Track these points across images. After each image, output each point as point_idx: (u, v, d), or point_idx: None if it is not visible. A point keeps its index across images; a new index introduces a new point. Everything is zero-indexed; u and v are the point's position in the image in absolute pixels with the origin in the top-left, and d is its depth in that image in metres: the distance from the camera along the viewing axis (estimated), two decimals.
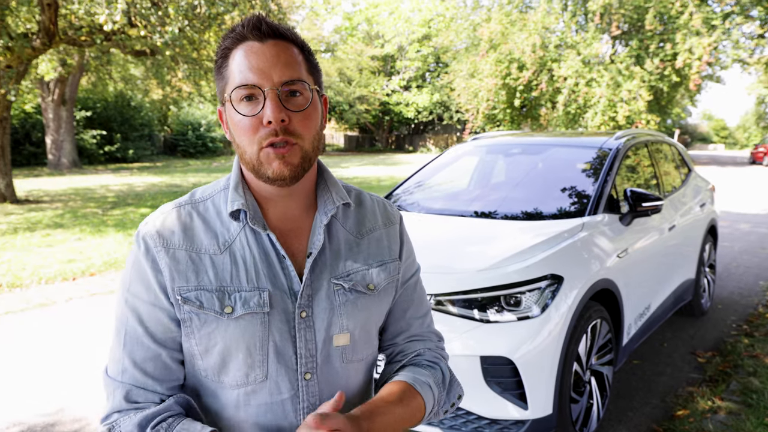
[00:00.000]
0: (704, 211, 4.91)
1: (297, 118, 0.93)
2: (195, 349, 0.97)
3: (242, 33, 0.93)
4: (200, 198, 1.03)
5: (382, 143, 45.14)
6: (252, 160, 0.94)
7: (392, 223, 1.16)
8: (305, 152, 0.95)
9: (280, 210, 1.02)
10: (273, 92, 0.90)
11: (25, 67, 10.51)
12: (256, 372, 0.97)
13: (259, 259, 0.98)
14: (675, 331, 4.69)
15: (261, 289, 0.96)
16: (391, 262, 1.11)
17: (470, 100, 24.58)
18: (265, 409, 0.98)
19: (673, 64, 20.81)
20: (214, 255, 0.97)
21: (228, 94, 0.93)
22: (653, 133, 4.74)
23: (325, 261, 1.03)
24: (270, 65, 0.91)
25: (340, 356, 1.03)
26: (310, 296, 0.99)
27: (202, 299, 0.94)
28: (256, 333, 0.96)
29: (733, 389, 3.52)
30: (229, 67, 0.94)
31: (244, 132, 0.93)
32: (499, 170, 4.36)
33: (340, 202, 1.05)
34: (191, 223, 0.99)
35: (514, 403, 2.52)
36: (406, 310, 1.17)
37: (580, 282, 2.78)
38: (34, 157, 23.67)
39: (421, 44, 39.31)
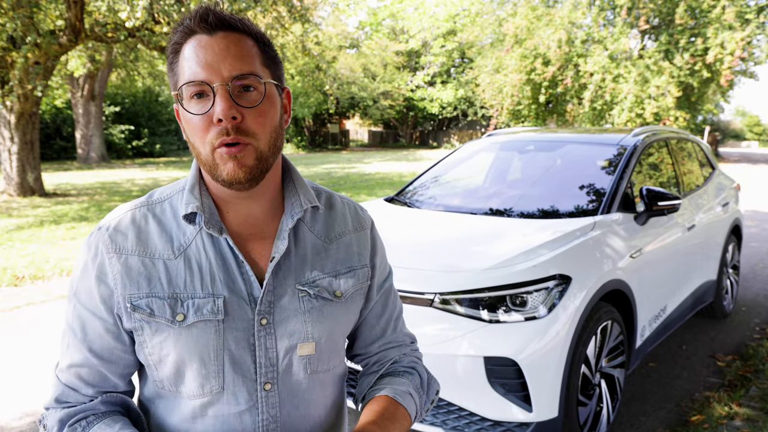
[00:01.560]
0: (727, 211, 4.77)
1: (251, 116, 0.87)
2: (148, 359, 0.94)
3: (190, 26, 0.87)
4: (158, 199, 0.98)
5: (406, 139, 45.02)
6: (207, 161, 0.89)
7: (363, 228, 1.10)
8: (260, 152, 0.89)
9: (241, 213, 0.97)
10: (223, 88, 0.84)
11: (53, 63, 10.70)
12: (212, 383, 0.93)
13: (215, 264, 0.93)
14: (695, 334, 4.57)
15: (216, 295, 0.91)
16: (360, 269, 1.06)
17: (495, 96, 24.36)
18: (223, 420, 0.94)
19: (703, 59, 20.30)
20: (168, 260, 0.92)
21: (178, 91, 0.88)
22: (675, 130, 4.61)
23: (290, 266, 0.97)
24: (219, 59, 0.85)
25: (304, 366, 0.98)
26: (271, 303, 0.94)
27: (152, 306, 0.90)
28: (210, 342, 0.91)
29: (753, 395, 3.41)
30: (179, 63, 0.88)
31: (196, 132, 0.87)
32: (512, 167, 4.29)
33: (308, 205, 1.00)
34: (146, 227, 0.95)
35: (518, 405, 2.47)
36: (380, 315, 1.13)
37: (590, 282, 2.71)
38: (65, 152, 24.16)
39: (446, 39, 39.03)
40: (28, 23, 9.45)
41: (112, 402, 0.95)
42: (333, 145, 39.40)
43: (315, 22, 13.85)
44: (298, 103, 32.15)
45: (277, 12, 11.83)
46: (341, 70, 33.47)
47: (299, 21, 12.15)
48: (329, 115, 39.09)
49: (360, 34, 39.23)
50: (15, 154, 11.53)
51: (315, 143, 37.74)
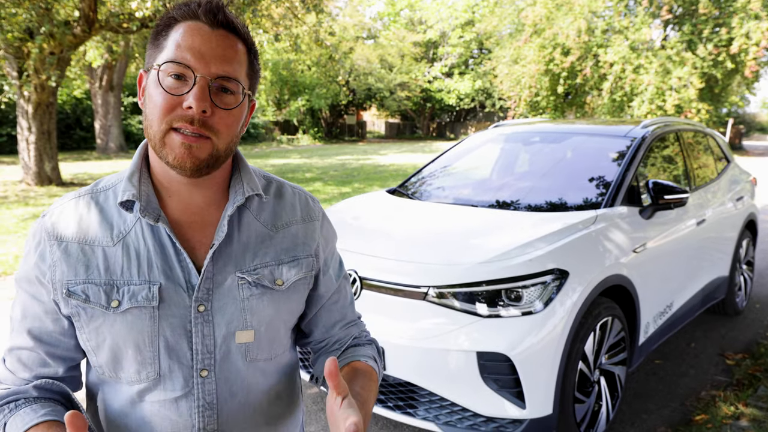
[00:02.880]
0: (742, 205, 4.65)
1: (219, 115, 0.89)
2: (87, 345, 0.94)
3: (195, 11, 0.88)
4: (103, 187, 0.99)
5: (423, 130, 44.83)
6: (155, 137, 0.89)
7: (312, 219, 1.09)
8: (216, 150, 0.90)
9: (182, 201, 0.97)
10: (204, 81, 0.86)
11: (67, 54, 10.78)
12: (148, 369, 0.93)
13: (154, 251, 0.93)
14: (705, 331, 4.47)
15: (152, 282, 0.91)
16: (304, 259, 1.05)
17: (513, 87, 24.09)
18: (159, 406, 0.94)
19: (728, 50, 19.83)
20: (107, 247, 0.93)
21: (158, 63, 0.88)
22: (688, 122, 4.49)
23: (231, 254, 0.97)
24: (212, 53, 0.87)
25: (242, 354, 0.97)
26: (210, 290, 0.94)
27: (88, 293, 0.91)
28: (145, 328, 0.91)
29: (761, 395, 3.32)
30: (168, 38, 0.89)
31: (158, 107, 0.87)
32: (517, 159, 4.21)
33: (250, 193, 1.00)
34: (88, 215, 0.95)
35: (511, 401, 2.42)
36: (337, 301, 1.15)
37: (589, 277, 2.65)
38: (84, 142, 24.43)
39: (464, 30, 38.69)
40: (43, 13, 9.53)
41: (46, 389, 0.95)
42: (350, 136, 39.38)
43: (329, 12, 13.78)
44: (315, 94, 32.14)
45: (290, 2, 11.79)
46: (358, 61, 33.38)
47: (313, 11, 12.10)
48: (346, 106, 39.04)
49: (377, 25, 39.04)
50: (32, 143, 11.67)
51: (332, 134, 37.74)
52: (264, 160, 20.81)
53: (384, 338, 2.57)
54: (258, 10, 10.12)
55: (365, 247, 2.92)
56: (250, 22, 10.54)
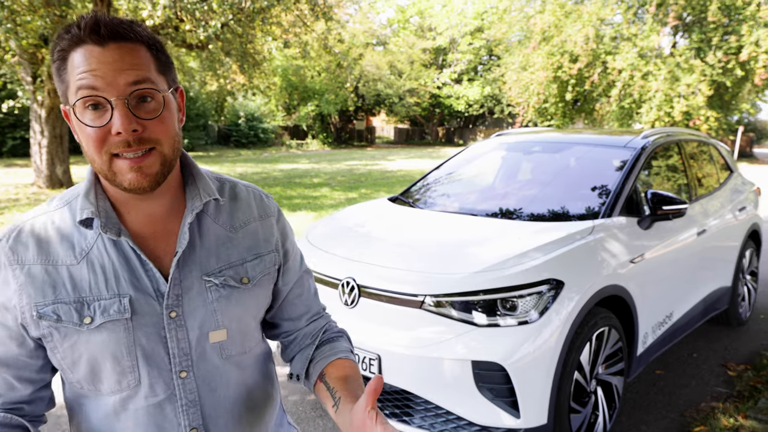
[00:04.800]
0: (744, 215, 4.64)
1: (151, 125, 0.88)
2: (62, 363, 0.95)
3: (79, 36, 0.86)
4: (57, 206, 0.99)
5: (432, 136, 44.84)
6: (103, 170, 0.90)
7: (268, 216, 1.12)
8: (165, 157, 0.91)
9: (141, 213, 0.98)
10: (121, 102, 0.85)
11: None
12: (128, 378, 0.95)
13: (119, 265, 0.94)
14: (708, 342, 4.46)
15: (122, 295, 0.93)
16: (267, 254, 1.09)
17: (521, 94, 24.10)
18: (144, 412, 0.97)
19: (737, 57, 19.75)
20: (71, 266, 0.93)
21: (71, 103, 0.87)
22: (690, 132, 4.50)
23: (195, 259, 0.99)
24: (114, 71, 0.85)
25: (218, 352, 1.01)
26: (179, 296, 0.97)
27: (59, 312, 0.91)
28: (121, 340, 0.93)
29: (761, 407, 3.31)
30: (67, 71, 0.87)
31: (92, 142, 0.87)
32: (518, 169, 4.23)
33: (207, 198, 1.01)
34: (46, 235, 0.95)
35: (506, 411, 2.44)
36: (300, 294, 1.19)
37: (585, 287, 2.66)
38: None
39: (473, 37, 38.72)
40: (58, 21, 9.66)
41: (4, 424, 0.94)
42: (359, 141, 39.47)
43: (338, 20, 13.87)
44: (324, 99, 32.26)
45: (300, 10, 11.88)
46: (367, 67, 33.49)
47: (322, 19, 12.18)
48: (355, 111, 39.15)
49: (387, 32, 39.17)
50: (45, 147, 11.81)
51: (341, 140, 37.84)
52: (273, 165, 20.90)
53: (381, 346, 2.60)
54: (267, 17, 10.21)
55: (364, 255, 2.95)
56: (260, 29, 10.65)
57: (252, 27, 10.59)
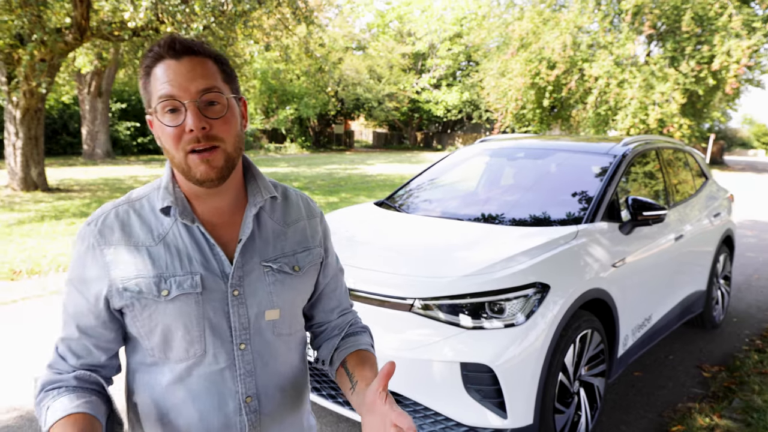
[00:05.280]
0: (719, 221, 4.78)
1: (217, 124, 1.04)
2: (140, 331, 1.10)
3: (159, 52, 1.04)
4: (136, 197, 1.15)
5: (411, 141, 45.05)
6: (180, 164, 1.06)
7: (314, 216, 1.30)
8: (228, 154, 1.07)
9: (210, 205, 1.14)
10: (192, 104, 1.02)
11: (58, 60, 10.78)
12: (195, 347, 1.10)
13: (191, 247, 1.10)
14: (683, 344, 4.58)
15: (193, 273, 1.08)
16: (314, 248, 1.26)
17: (499, 100, 24.36)
18: (206, 378, 1.11)
19: (709, 67, 20.25)
20: (150, 247, 1.09)
21: (154, 108, 1.05)
22: (667, 139, 4.63)
23: (255, 247, 1.15)
24: (187, 80, 1.02)
25: (271, 329, 1.16)
26: (241, 277, 1.12)
27: (141, 286, 1.06)
28: (192, 312, 1.08)
29: (735, 407, 3.42)
30: (151, 83, 1.05)
31: (171, 140, 1.04)
32: (502, 174, 4.31)
33: (267, 195, 1.18)
34: (128, 220, 1.11)
35: (493, 411, 2.50)
36: (335, 289, 1.36)
37: (569, 290, 2.74)
38: (71, 147, 24.30)
39: (452, 42, 39.07)
40: (35, 21, 9.54)
41: (85, 380, 1.10)
42: (337, 145, 39.47)
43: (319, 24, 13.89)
44: (303, 103, 32.20)
45: (282, 14, 11.88)
46: (347, 71, 33.54)
47: (304, 23, 12.20)
48: (334, 115, 39.14)
49: (366, 36, 39.27)
50: (19, 149, 11.62)
51: (320, 143, 37.80)
52: None
53: None
54: (249, 20, 10.19)
55: (353, 258, 2.99)
56: (241, 32, 10.61)
57: (233, 30, 10.55)
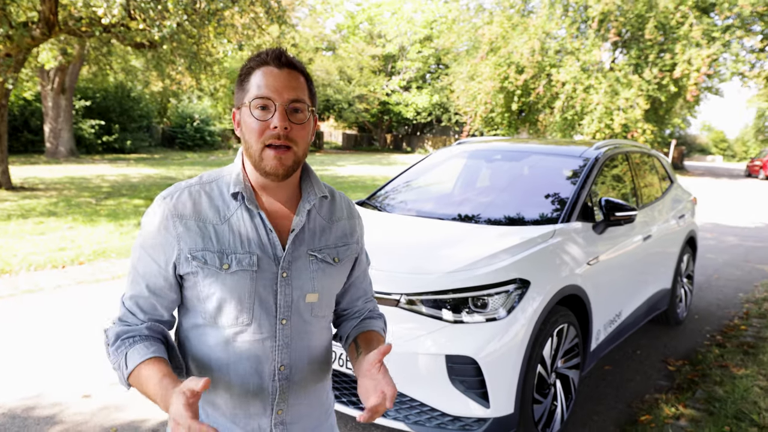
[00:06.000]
0: (683, 223, 5.01)
1: (296, 129, 1.21)
2: (200, 295, 1.24)
3: (266, 59, 1.22)
4: (207, 180, 1.30)
5: (380, 143, 45.19)
6: (255, 154, 1.21)
7: (354, 217, 1.46)
8: (297, 156, 1.23)
9: (270, 197, 1.30)
10: (282, 107, 1.19)
11: (24, 55, 10.55)
12: (244, 316, 1.24)
13: (251, 231, 1.25)
14: (649, 339, 4.78)
15: (251, 253, 1.24)
16: (352, 244, 1.42)
17: (469, 103, 24.64)
18: (249, 345, 1.26)
19: (671, 74, 20.90)
20: (217, 225, 1.24)
21: (248, 101, 1.20)
22: (636, 144, 4.83)
23: (304, 237, 1.31)
24: (283, 87, 1.20)
25: (309, 310, 1.32)
26: (290, 262, 1.27)
27: (206, 258, 1.22)
28: (246, 286, 1.23)
29: (698, 397, 3.61)
30: (250, 82, 1.21)
31: (254, 132, 1.20)
32: (480, 175, 4.44)
33: (320, 194, 1.34)
34: (199, 200, 1.26)
35: (476, 402, 2.61)
36: (363, 281, 1.54)
37: (548, 287, 2.87)
38: (32, 145, 23.66)
39: (422, 45, 39.35)
40: (0, 15, 9.32)
41: (154, 330, 1.26)
42: None
43: (292, 24, 13.88)
44: None
45: (255, 13, 11.86)
46: (317, 72, 33.48)
47: (276, 22, 12.19)
48: None
49: (337, 37, 39.27)
50: None
51: None
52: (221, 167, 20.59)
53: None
54: (222, 19, 10.15)
55: None
56: (214, 31, 10.56)
57: (205, 28, 10.49)
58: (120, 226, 8.52)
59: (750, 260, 8.19)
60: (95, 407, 3.32)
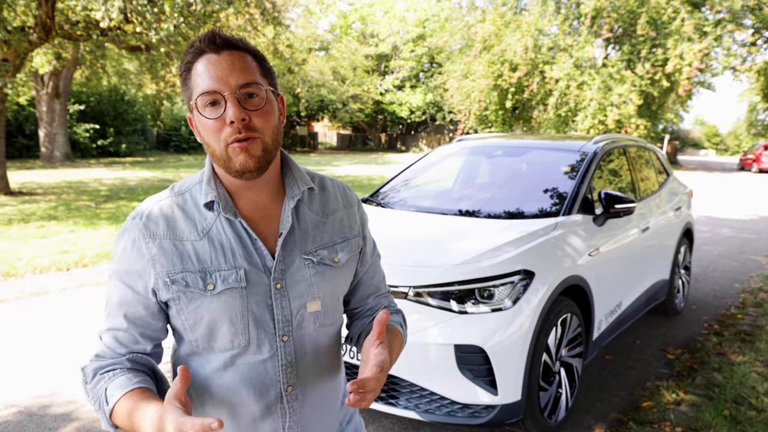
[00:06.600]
0: (680, 215, 5.10)
1: (255, 116, 1.06)
2: (186, 323, 1.12)
3: (200, 47, 1.06)
4: (179, 191, 1.17)
5: (375, 142, 45.28)
6: (221, 156, 1.07)
7: (351, 205, 1.29)
8: (266, 144, 1.08)
9: (250, 200, 1.15)
10: (232, 96, 1.04)
11: (21, 60, 10.58)
12: (239, 338, 1.11)
13: (234, 242, 1.11)
14: (648, 329, 4.88)
15: (237, 267, 1.10)
16: (352, 239, 1.26)
17: (462, 101, 24.72)
18: (249, 368, 1.13)
19: (663, 69, 21.05)
20: (195, 241, 1.11)
21: (194, 101, 1.07)
22: (633, 138, 4.92)
23: (295, 240, 1.16)
24: (227, 73, 1.04)
25: (313, 321, 1.18)
26: (283, 270, 1.13)
27: (187, 280, 1.08)
28: (236, 305, 1.10)
29: (698, 383, 3.70)
30: (192, 78, 1.07)
31: (211, 132, 1.06)
32: (481, 171, 4.53)
33: (304, 187, 1.19)
34: (173, 215, 1.13)
35: (484, 389, 2.69)
36: (373, 276, 1.37)
37: (551, 277, 2.95)
38: (27, 150, 23.65)
39: (415, 44, 39.45)
40: None
41: (137, 362, 1.13)
42: (301, 147, 39.39)
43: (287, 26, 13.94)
44: None
45: (250, 14, 11.91)
46: (310, 72, 33.50)
47: (272, 23, 12.25)
48: (298, 117, 39.05)
49: (329, 37, 39.32)
50: None
51: (283, 145, 37.48)
52: None
53: None
54: (218, 21, 10.20)
55: None
56: None
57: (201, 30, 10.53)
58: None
59: (745, 252, 8.30)
60: None
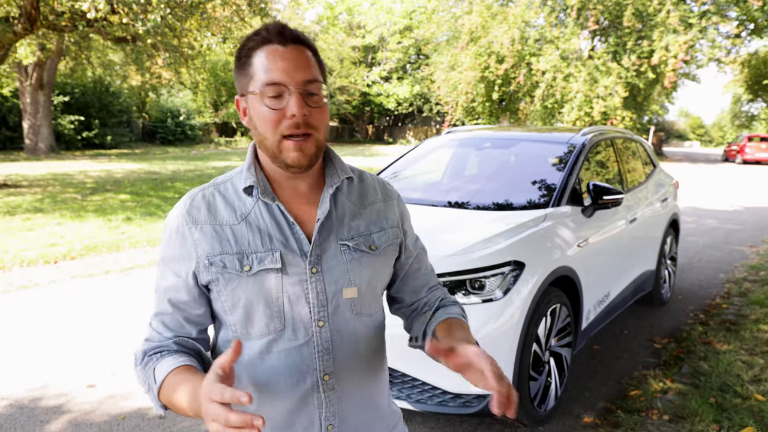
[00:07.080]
0: (666, 206, 5.16)
1: (315, 113, 1.09)
2: (224, 306, 1.15)
3: (267, 37, 1.08)
4: (221, 181, 1.22)
5: (362, 134, 45.19)
6: (272, 147, 1.10)
7: (390, 198, 1.32)
8: (319, 142, 1.12)
9: (290, 187, 1.19)
10: (297, 91, 1.06)
11: (6, 51, 10.43)
12: (275, 322, 1.14)
13: (271, 226, 1.15)
14: (635, 319, 4.95)
15: (274, 250, 1.13)
16: (389, 228, 1.27)
17: (450, 93, 24.74)
18: (285, 354, 1.15)
19: (649, 61, 21.19)
20: (234, 225, 1.15)
21: (256, 89, 1.08)
22: (620, 130, 4.97)
23: (332, 226, 1.18)
24: (293, 67, 1.07)
25: (350, 307, 1.19)
26: (319, 255, 1.15)
27: (225, 261, 1.12)
28: (272, 287, 1.12)
29: (684, 372, 3.77)
30: (252, 65, 1.09)
31: (269, 122, 1.08)
32: (470, 163, 4.55)
33: (344, 176, 1.22)
34: (214, 201, 1.17)
35: None
36: (419, 269, 1.37)
37: (541, 268, 2.98)
38: (11, 142, 23.35)
39: (402, 36, 39.33)
40: None
41: (183, 344, 1.17)
42: None
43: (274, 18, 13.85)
44: None
45: (237, 5, 11.82)
46: None
47: (258, 14, 12.16)
48: None
49: (316, 28, 39.10)
50: None
51: None
52: (204, 162, 20.53)
53: None
54: (205, 12, 10.12)
55: None
56: (198, 24, 10.52)
57: (188, 21, 10.45)
58: (108, 221, 8.50)
59: (729, 242, 8.42)
60: (101, 396, 3.39)
